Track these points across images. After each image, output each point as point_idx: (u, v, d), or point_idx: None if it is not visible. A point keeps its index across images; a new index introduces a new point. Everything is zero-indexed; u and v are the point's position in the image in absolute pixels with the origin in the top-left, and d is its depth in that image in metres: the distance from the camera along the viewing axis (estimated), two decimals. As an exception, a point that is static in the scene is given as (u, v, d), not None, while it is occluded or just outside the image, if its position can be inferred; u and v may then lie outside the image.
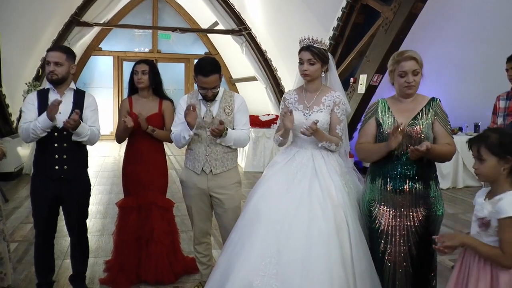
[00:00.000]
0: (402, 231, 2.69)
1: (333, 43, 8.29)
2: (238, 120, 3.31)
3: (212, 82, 3.15)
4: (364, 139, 2.85)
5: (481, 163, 2.17)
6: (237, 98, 3.36)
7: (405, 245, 2.69)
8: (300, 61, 3.02)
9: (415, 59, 2.66)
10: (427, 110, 2.72)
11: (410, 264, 2.69)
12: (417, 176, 2.67)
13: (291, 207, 2.76)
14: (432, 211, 2.69)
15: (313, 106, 3.04)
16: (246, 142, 3.38)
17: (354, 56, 7.98)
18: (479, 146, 2.16)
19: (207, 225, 3.44)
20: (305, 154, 2.99)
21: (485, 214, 2.13)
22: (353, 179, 3.04)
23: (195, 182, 3.29)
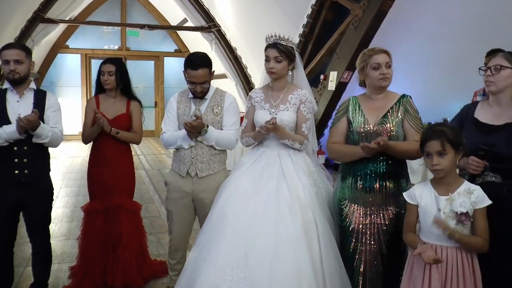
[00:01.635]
0: (372, 230, 2.69)
1: (303, 40, 8.27)
2: (225, 120, 3.22)
3: (201, 76, 3.07)
4: (336, 138, 2.83)
5: (442, 158, 2.19)
6: (228, 98, 3.27)
7: (375, 244, 2.68)
8: (266, 59, 2.97)
9: (387, 53, 2.70)
10: (397, 108, 2.71)
11: (381, 262, 2.68)
12: (387, 174, 2.67)
13: (258, 208, 2.71)
14: (403, 210, 2.66)
15: (280, 105, 2.99)
16: (231, 144, 3.23)
17: (324, 53, 7.97)
18: (442, 140, 2.18)
19: (187, 232, 3.33)
20: (272, 154, 2.94)
21: (467, 208, 2.15)
22: (321, 178, 3.01)
23: (179, 185, 3.20)
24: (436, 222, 2.18)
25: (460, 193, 2.21)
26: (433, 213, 2.23)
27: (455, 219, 2.17)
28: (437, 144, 2.19)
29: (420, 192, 2.32)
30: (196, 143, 3.14)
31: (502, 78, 2.44)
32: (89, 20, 12.87)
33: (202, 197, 3.16)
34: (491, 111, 2.53)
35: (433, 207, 2.24)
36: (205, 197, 3.15)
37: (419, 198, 2.32)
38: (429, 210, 2.26)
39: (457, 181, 2.27)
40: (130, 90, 3.72)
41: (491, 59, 2.52)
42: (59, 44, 13.36)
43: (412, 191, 2.37)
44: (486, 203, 2.18)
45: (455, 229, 2.17)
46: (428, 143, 2.23)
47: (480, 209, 2.18)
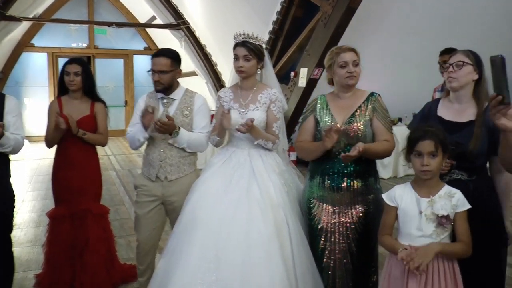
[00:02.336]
0: (341, 228, 2.67)
1: (273, 37, 8.25)
2: (196, 123, 3.16)
3: (161, 64, 3.03)
4: (303, 137, 2.81)
5: (433, 159, 2.14)
6: (198, 99, 3.21)
7: (344, 242, 2.67)
8: (235, 57, 2.92)
9: (354, 51, 2.67)
10: (365, 106, 2.69)
11: (350, 260, 2.67)
12: (355, 173, 2.65)
13: (229, 209, 2.67)
14: (371, 208, 2.68)
15: (249, 104, 2.95)
16: (203, 147, 3.18)
17: (294, 50, 7.98)
18: (436, 141, 2.13)
19: (156, 236, 3.26)
20: (242, 154, 2.90)
21: (448, 211, 2.13)
22: (292, 177, 2.99)
23: (150, 189, 3.14)
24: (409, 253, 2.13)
25: (441, 196, 2.17)
26: (414, 215, 2.18)
27: (436, 222, 2.14)
28: (431, 145, 2.13)
29: (401, 194, 2.26)
30: (165, 145, 3.08)
31: (464, 74, 2.43)
32: (55, 18, 12.52)
33: (173, 201, 3.11)
34: (453, 108, 2.53)
35: (414, 209, 2.19)
36: (175, 200, 3.09)
37: (399, 200, 2.25)
38: (409, 212, 2.20)
39: (438, 184, 2.23)
40: (95, 91, 3.62)
41: (451, 56, 2.51)
42: (24, 43, 12.96)
43: (392, 193, 2.30)
44: (466, 207, 2.16)
45: (435, 231, 2.14)
46: (420, 143, 2.16)
47: (461, 212, 2.15)
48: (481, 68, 2.44)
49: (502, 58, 1.73)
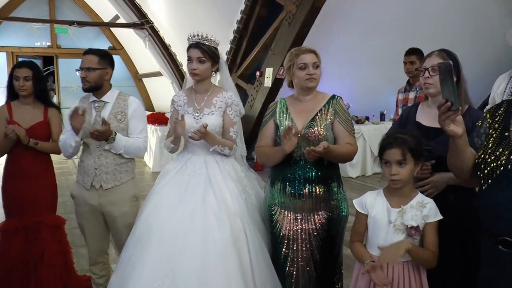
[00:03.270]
0: (303, 236, 2.61)
1: (238, 36, 8.16)
2: (132, 127, 3.03)
3: (87, 61, 2.92)
4: (263, 142, 2.73)
5: (401, 168, 2.08)
6: (132, 102, 3.07)
7: (307, 250, 2.61)
8: (189, 59, 2.82)
9: (314, 52, 2.60)
10: (326, 110, 2.62)
11: (314, 268, 2.61)
12: (317, 179, 2.58)
13: (184, 220, 2.58)
14: (335, 214, 2.62)
15: (204, 108, 2.86)
16: (141, 152, 3.07)
17: (259, 50, 7.91)
18: (403, 149, 2.06)
19: (103, 244, 3.15)
20: (198, 161, 2.81)
21: (418, 222, 2.05)
22: (251, 184, 2.91)
23: (85, 198, 3.00)
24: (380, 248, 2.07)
25: (413, 206, 2.09)
26: (383, 224, 2.12)
27: (405, 233, 2.07)
28: (398, 153, 2.06)
29: (372, 202, 2.20)
30: (100, 152, 2.96)
31: None
32: (13, 16, 12.07)
33: (110, 210, 2.98)
34: (432, 113, 2.44)
35: (384, 218, 2.13)
36: (113, 210, 2.98)
37: (370, 208, 2.19)
38: (379, 221, 2.14)
39: (411, 193, 2.16)
40: (47, 96, 3.46)
41: (426, 59, 2.44)
42: (-19, 42, 12.53)
43: (363, 199, 2.24)
44: (437, 218, 2.09)
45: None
46: (388, 151, 2.09)
47: (431, 223, 2.08)
48: (458, 69, 2.37)
49: (449, 64, 1.72)
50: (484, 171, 1.77)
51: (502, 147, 1.76)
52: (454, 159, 1.91)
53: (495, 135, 1.84)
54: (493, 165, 1.74)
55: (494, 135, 1.84)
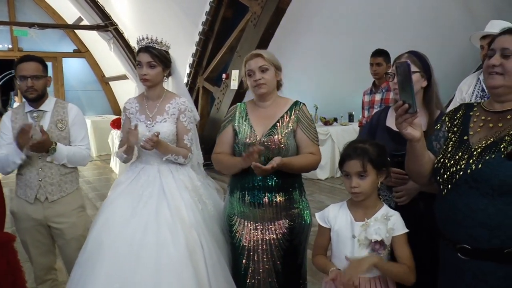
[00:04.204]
0: (264, 246, 2.48)
1: (203, 38, 8.05)
2: (74, 135, 2.91)
3: (33, 68, 2.77)
4: (221, 149, 2.60)
5: (362, 180, 1.96)
6: (72, 110, 2.94)
7: (268, 261, 2.48)
8: (139, 64, 2.70)
9: (261, 56, 2.45)
10: (288, 116, 2.49)
11: (276, 279, 2.49)
12: (277, 187, 2.45)
13: (137, 234, 2.44)
14: (296, 223, 2.50)
15: (156, 116, 2.73)
16: (85, 161, 2.96)
17: (225, 51, 7.82)
18: (363, 161, 1.95)
19: (50, 260, 2.99)
20: (152, 171, 2.69)
21: (382, 236, 1.94)
22: (208, 193, 2.80)
23: (28, 213, 2.83)
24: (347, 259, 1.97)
25: (377, 219, 1.98)
26: (347, 239, 2.00)
27: (369, 247, 1.95)
28: (357, 164, 1.95)
29: (335, 215, 2.07)
30: (43, 163, 2.81)
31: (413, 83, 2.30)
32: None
33: (57, 222, 2.85)
34: None
35: (347, 233, 2.01)
36: (60, 222, 2.85)
37: (332, 221, 2.07)
38: (343, 235, 2.02)
39: (376, 205, 2.04)
40: None
41: (395, 61, 2.35)
42: None
43: (325, 213, 2.11)
44: (403, 231, 1.97)
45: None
46: (347, 163, 1.98)
47: (399, 236, 1.96)
48: (430, 73, 2.29)
49: (407, 65, 1.64)
50: (444, 176, 1.72)
51: (461, 151, 1.72)
52: (412, 164, 1.85)
53: (454, 139, 1.80)
54: (453, 170, 1.69)
55: (453, 139, 1.80)
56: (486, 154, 1.63)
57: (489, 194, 1.59)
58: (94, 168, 9.13)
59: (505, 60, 1.64)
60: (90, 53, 13.47)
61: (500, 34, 1.71)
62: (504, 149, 1.59)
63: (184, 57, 8.37)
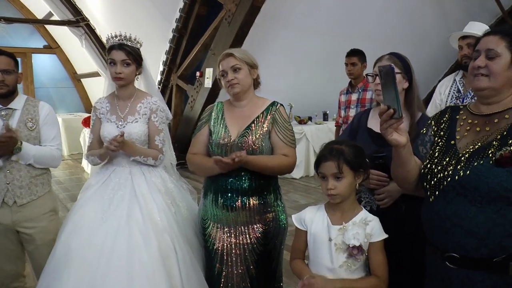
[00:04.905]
0: (238, 250, 2.43)
1: (177, 35, 7.94)
2: (45, 135, 2.79)
3: (4, 63, 2.67)
4: (196, 149, 2.53)
5: (338, 181, 1.91)
6: (43, 108, 2.82)
7: (242, 265, 2.43)
8: (112, 62, 2.61)
9: (232, 55, 2.39)
10: (264, 117, 2.43)
11: (250, 284, 2.44)
12: (251, 190, 2.39)
13: (108, 239, 2.36)
14: (271, 227, 2.44)
15: (128, 116, 2.65)
16: (55, 162, 2.84)
17: (199, 49, 7.73)
18: (339, 162, 1.90)
19: (18, 267, 2.87)
20: (123, 173, 2.61)
21: (360, 241, 1.89)
22: (181, 195, 2.73)
23: None
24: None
25: (355, 223, 1.93)
26: (323, 242, 1.95)
27: (347, 252, 1.90)
28: (333, 166, 1.90)
29: (311, 217, 2.02)
30: (10, 164, 2.68)
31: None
32: None
33: (28, 228, 2.73)
34: None
35: (324, 236, 1.95)
36: (30, 227, 2.73)
37: (309, 224, 2.02)
38: (319, 238, 1.97)
39: (354, 209, 1.99)
40: None
41: (376, 64, 2.35)
42: None
43: (302, 215, 2.07)
44: (381, 237, 1.92)
45: (346, 262, 1.91)
46: (323, 164, 1.94)
47: (376, 243, 1.90)
48: (411, 74, 2.27)
49: (391, 68, 1.57)
50: (431, 182, 1.69)
51: (449, 156, 1.68)
52: (398, 170, 1.80)
53: (441, 144, 1.76)
54: (440, 176, 1.65)
55: (440, 144, 1.76)
56: (474, 160, 1.59)
57: (477, 201, 1.55)
58: (65, 167, 8.92)
59: (490, 61, 1.61)
60: (61, 49, 13.15)
61: (485, 35, 1.67)
62: (492, 155, 1.55)
63: (157, 54, 8.25)
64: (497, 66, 1.60)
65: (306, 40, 7.83)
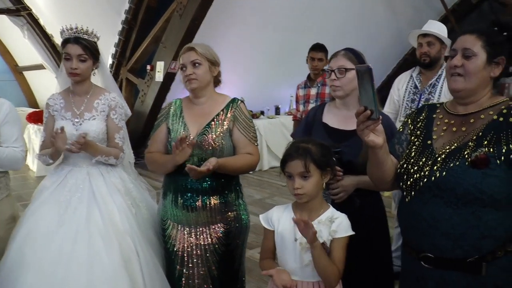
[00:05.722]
0: (199, 251, 2.37)
1: (127, 27, 7.67)
2: (6, 135, 2.51)
3: None
4: (154, 148, 2.44)
5: (305, 181, 1.88)
6: (2, 106, 2.55)
7: (203, 266, 2.37)
8: (67, 57, 2.48)
9: (194, 50, 2.33)
10: (224, 115, 2.37)
11: (212, 285, 2.39)
12: (211, 190, 2.34)
13: (66, 245, 2.25)
14: (233, 227, 2.40)
15: (84, 113, 2.54)
16: (18, 164, 2.56)
17: (149, 42, 7.52)
18: (305, 161, 1.86)
19: None
20: (80, 174, 2.49)
21: (324, 238, 1.87)
22: (141, 195, 2.65)
23: None
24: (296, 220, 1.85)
25: (321, 222, 1.91)
26: (290, 242, 1.93)
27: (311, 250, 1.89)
28: (300, 165, 1.86)
29: (278, 217, 1.99)
30: None
31: (349, 81, 2.26)
32: None
33: None
34: (340, 115, 2.34)
35: (290, 235, 1.93)
36: None
37: (276, 223, 1.98)
38: (286, 238, 1.94)
39: (321, 207, 1.97)
40: None
41: (331, 59, 2.33)
42: None
43: (269, 214, 2.03)
44: (347, 233, 1.90)
45: (312, 261, 1.87)
46: (289, 163, 1.89)
47: (339, 239, 1.89)
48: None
49: (369, 68, 1.51)
50: (407, 182, 1.68)
51: (425, 156, 1.68)
52: (374, 170, 1.78)
53: (418, 143, 1.75)
54: (416, 176, 1.65)
55: (417, 143, 1.76)
56: (451, 161, 1.59)
57: (453, 203, 1.56)
58: (8, 164, 8.50)
59: (466, 60, 1.61)
60: (0, 40, 12.50)
61: (461, 34, 1.68)
62: (468, 156, 1.56)
63: (106, 47, 7.98)
64: (473, 66, 1.60)
65: (258, 34, 7.81)
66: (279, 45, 7.98)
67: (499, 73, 1.63)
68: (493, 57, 1.60)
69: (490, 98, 1.66)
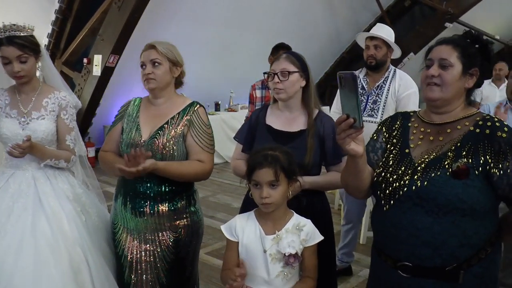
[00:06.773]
0: (148, 258, 2.27)
1: (61, 17, 7.27)
2: None
3: None
4: (108, 147, 2.33)
5: (273, 189, 1.82)
6: None
7: (152, 273, 2.27)
8: (5, 61, 2.28)
9: (155, 48, 2.21)
10: (179, 118, 2.25)
11: None
12: (160, 196, 2.23)
13: (8, 256, 2.09)
14: (182, 235, 2.29)
15: (32, 112, 2.36)
16: None
17: (86, 34, 7.15)
18: (276, 169, 1.80)
19: None
20: (24, 178, 2.32)
21: (296, 248, 1.82)
22: (91, 200, 2.51)
23: None
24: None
25: (288, 230, 1.85)
26: (258, 254, 1.85)
27: (283, 261, 1.82)
28: (270, 173, 1.80)
29: (242, 227, 1.91)
30: None
31: (291, 84, 2.25)
32: None
33: None
34: (283, 117, 2.34)
35: (258, 247, 1.86)
36: None
37: (240, 233, 1.90)
38: (253, 250, 1.86)
39: (286, 215, 1.91)
40: None
41: (274, 62, 2.32)
42: None
43: (232, 224, 1.93)
44: (317, 239, 1.88)
45: (282, 272, 1.84)
46: (258, 171, 1.81)
47: (310, 246, 1.86)
48: (307, 73, 2.30)
49: (353, 75, 1.45)
50: (385, 191, 1.67)
51: (404, 165, 1.67)
52: (351, 179, 1.75)
53: (395, 152, 1.74)
54: (396, 185, 1.64)
55: (394, 152, 1.74)
56: (431, 171, 1.59)
57: (434, 212, 1.56)
58: None
59: (443, 71, 1.63)
60: None
61: (437, 44, 1.68)
62: (448, 166, 1.57)
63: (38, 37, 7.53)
64: (449, 76, 1.62)
65: (199, 29, 7.70)
66: (219, 41, 7.92)
67: (473, 84, 1.67)
68: (468, 68, 1.64)
69: (464, 109, 1.69)
